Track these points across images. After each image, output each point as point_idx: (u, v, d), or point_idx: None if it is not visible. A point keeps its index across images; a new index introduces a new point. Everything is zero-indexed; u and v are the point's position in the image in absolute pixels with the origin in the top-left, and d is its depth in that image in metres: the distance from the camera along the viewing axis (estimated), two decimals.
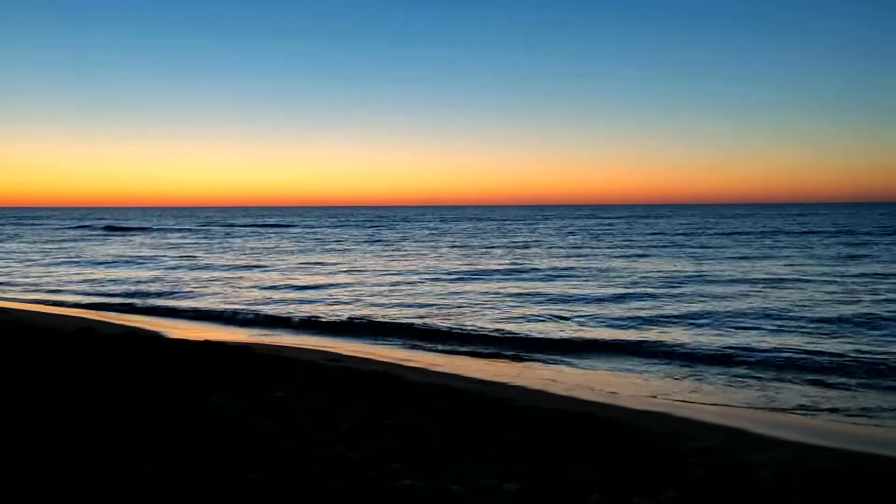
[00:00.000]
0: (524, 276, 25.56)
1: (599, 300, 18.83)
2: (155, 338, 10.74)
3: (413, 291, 21.42)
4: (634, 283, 22.35)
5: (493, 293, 20.60)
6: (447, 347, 13.20)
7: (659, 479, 5.16)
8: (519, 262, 31.10)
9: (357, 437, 5.88)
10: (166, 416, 5.53)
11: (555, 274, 25.88)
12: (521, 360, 11.96)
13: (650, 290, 20.42)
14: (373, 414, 6.77)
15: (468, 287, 22.33)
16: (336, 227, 76.86)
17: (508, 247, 41.73)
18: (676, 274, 25.02)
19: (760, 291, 19.87)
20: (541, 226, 74.30)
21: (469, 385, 9.14)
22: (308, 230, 69.08)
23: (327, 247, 43.83)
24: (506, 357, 12.25)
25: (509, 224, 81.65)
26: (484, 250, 39.27)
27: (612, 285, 22.05)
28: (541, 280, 24.07)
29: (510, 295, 20.16)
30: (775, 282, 22.01)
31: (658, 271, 26.13)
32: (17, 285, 24.72)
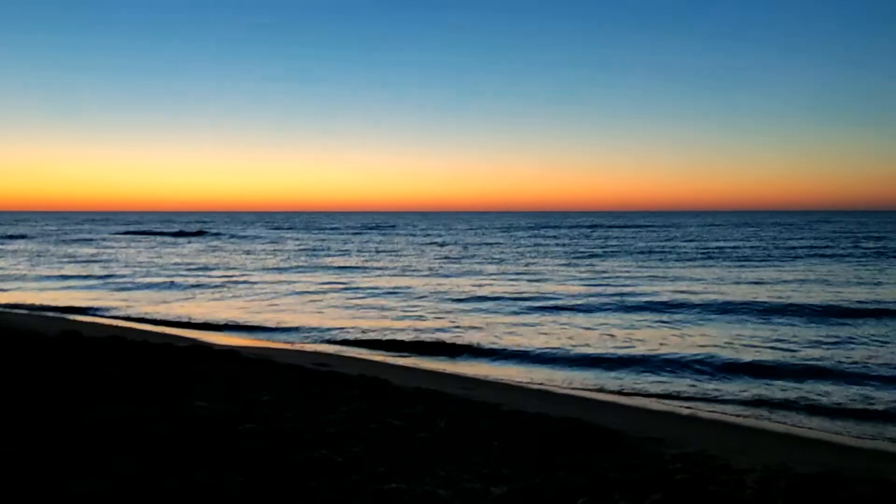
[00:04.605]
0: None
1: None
2: (141, 341, 10.65)
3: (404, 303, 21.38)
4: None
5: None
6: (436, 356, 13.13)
7: (644, 484, 5.16)
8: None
9: (342, 440, 5.85)
10: (149, 419, 5.48)
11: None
12: (505, 366, 11.92)
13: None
14: (358, 417, 6.75)
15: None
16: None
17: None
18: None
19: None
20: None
21: (456, 390, 9.13)
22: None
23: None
24: (490, 364, 12.23)
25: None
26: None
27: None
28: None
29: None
30: None
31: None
32: None
